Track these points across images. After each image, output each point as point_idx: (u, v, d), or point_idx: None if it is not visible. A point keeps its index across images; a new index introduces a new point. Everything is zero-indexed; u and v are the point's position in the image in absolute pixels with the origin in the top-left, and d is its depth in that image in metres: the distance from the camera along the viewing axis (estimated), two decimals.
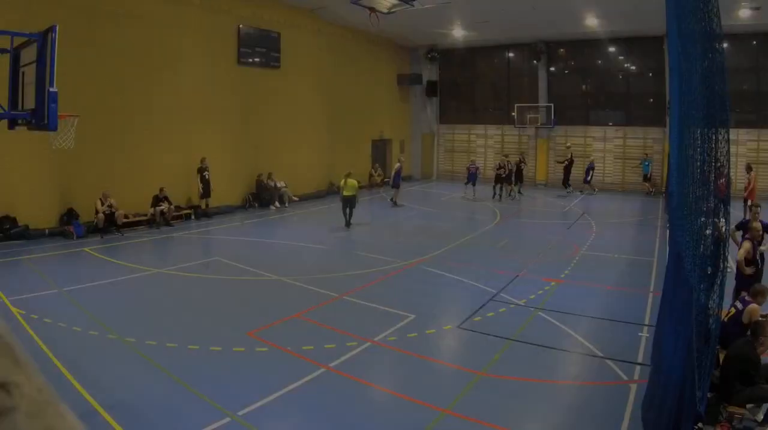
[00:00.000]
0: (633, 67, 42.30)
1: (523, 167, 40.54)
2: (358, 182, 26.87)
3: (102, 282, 17.58)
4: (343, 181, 27.46)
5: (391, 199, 34.42)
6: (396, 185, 34.66)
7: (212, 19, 30.68)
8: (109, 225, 24.60)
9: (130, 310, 15.13)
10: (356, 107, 42.34)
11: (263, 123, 34.04)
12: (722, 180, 11.75)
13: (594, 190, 40.08)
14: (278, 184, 33.53)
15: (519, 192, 39.17)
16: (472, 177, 37.97)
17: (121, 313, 14.74)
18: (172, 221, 27.13)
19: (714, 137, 8.27)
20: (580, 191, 39.63)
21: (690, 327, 7.25)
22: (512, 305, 15.57)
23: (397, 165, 35.34)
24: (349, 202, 27.21)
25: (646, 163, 39.82)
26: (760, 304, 10.43)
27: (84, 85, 24.01)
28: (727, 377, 9.09)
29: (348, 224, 27.02)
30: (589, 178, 40.06)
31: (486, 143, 48.09)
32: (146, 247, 23.38)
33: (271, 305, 15.74)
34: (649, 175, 40.03)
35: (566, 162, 40.26)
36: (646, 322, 14.21)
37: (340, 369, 11.43)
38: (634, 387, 10.58)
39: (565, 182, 40.23)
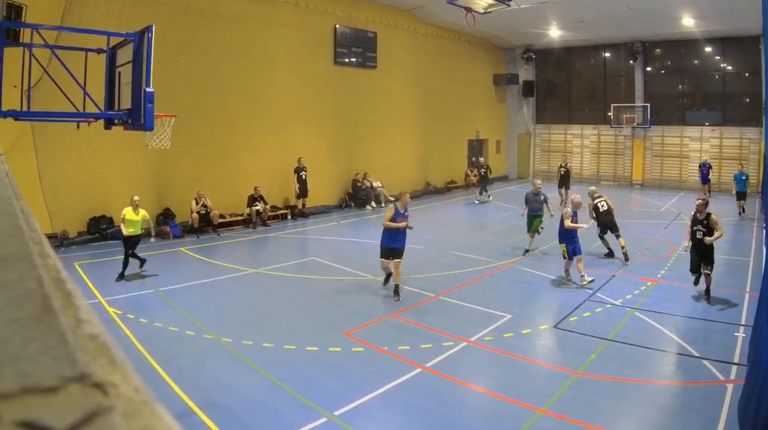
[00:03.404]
0: (729, 67, 41.37)
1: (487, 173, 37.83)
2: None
3: (198, 282, 17.87)
4: (128, 210, 18.36)
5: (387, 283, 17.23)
6: (394, 249, 16.40)
7: (309, 19, 30.93)
8: (206, 225, 24.88)
9: (226, 310, 15.38)
10: (452, 107, 42.20)
11: (359, 123, 34.15)
12: None
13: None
14: (374, 184, 33.64)
15: (487, 196, 36.49)
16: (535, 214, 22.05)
17: (217, 313, 14.95)
18: (268, 221, 27.34)
19: None
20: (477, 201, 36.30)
21: None
22: (608, 305, 15.53)
23: (390, 205, 17.30)
24: (132, 243, 18.30)
25: (743, 177, 31.31)
26: None
27: (179, 85, 24.40)
28: None
29: (122, 275, 18.01)
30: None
31: (582, 143, 47.73)
32: (242, 247, 23.64)
33: (367, 305, 15.82)
34: (744, 193, 31.08)
35: (482, 171, 37.44)
36: (743, 322, 14.05)
37: (437, 369, 11.49)
38: (730, 387, 10.49)
39: (482, 190, 36.99)
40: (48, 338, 0.75)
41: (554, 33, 41.53)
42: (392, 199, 32.51)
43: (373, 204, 32.77)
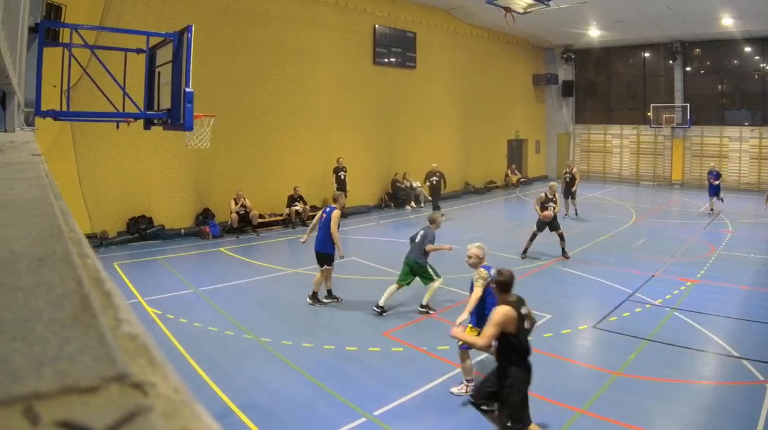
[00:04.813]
0: None
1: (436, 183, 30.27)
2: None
3: (238, 282, 17.91)
4: None
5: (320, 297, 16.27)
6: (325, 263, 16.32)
7: (348, 19, 31.04)
8: (245, 225, 24.95)
9: (265, 310, 15.43)
10: (491, 107, 42.17)
11: (398, 123, 34.21)
12: None
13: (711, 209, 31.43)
14: (413, 184, 33.67)
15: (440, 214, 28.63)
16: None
17: (256, 313, 15.00)
18: (307, 221, 26.84)
19: None
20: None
21: None
22: (648, 305, 15.47)
23: (337, 211, 16.95)
24: None
25: None
26: None
27: (219, 85, 24.51)
28: None
29: None
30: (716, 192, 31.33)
31: (621, 143, 47.55)
32: (282, 247, 23.66)
33: (406, 304, 15.83)
34: None
35: (432, 180, 30.14)
36: None
37: (476, 369, 11.39)
38: None
39: (435, 205, 29.39)
40: (87, 337, 0.76)
41: (593, 33, 41.39)
42: (431, 199, 32.37)
43: (413, 204, 32.76)
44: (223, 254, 22.00)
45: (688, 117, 42.67)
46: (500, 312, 8.48)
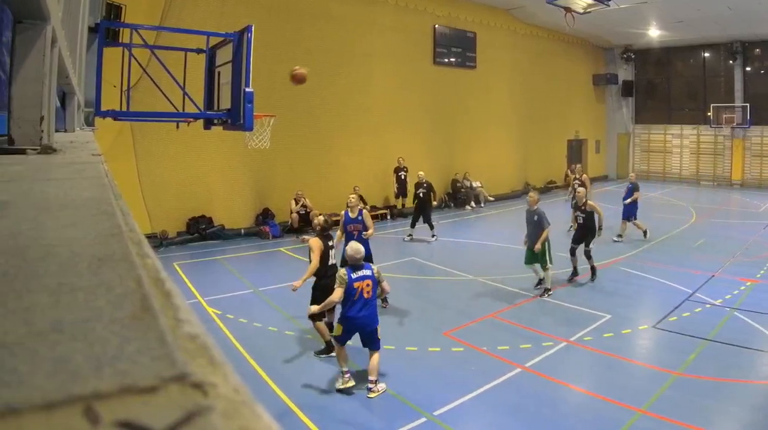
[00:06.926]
0: None
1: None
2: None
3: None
4: None
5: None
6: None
7: (408, 20, 31.03)
8: (305, 225, 24.68)
9: None
10: (551, 107, 41.89)
11: (457, 123, 34.08)
12: None
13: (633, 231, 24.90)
14: (473, 184, 33.56)
15: (408, 235, 24.73)
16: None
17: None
18: None
19: None
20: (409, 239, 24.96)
21: None
22: (708, 305, 15.31)
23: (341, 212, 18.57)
24: None
25: None
26: None
27: (279, 85, 24.46)
28: None
29: None
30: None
31: (681, 143, 47.04)
32: (339, 247, 23.62)
33: (466, 304, 15.81)
34: None
35: (420, 193, 25.05)
36: None
37: (536, 369, 11.46)
38: None
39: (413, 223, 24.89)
40: (147, 338, 0.77)
41: (653, 33, 41.03)
42: (492, 198, 32.32)
43: (473, 204, 32.71)
44: (283, 254, 22.09)
45: (749, 117, 42.14)
46: (313, 242, 13.12)
